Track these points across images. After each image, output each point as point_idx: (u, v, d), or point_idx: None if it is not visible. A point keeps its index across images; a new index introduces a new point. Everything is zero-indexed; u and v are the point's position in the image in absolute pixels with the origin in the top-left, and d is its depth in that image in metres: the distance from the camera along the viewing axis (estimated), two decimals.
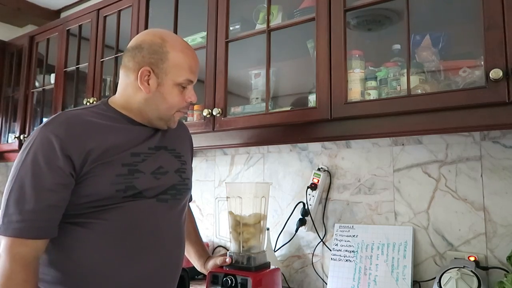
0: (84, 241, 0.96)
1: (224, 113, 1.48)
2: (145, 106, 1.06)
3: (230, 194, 1.36)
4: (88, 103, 1.92)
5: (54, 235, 0.94)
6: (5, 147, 2.50)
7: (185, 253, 1.21)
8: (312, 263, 1.57)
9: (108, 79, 2.02)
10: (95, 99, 1.93)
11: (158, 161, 1.07)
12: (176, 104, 1.07)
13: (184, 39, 1.15)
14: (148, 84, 1.04)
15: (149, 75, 1.04)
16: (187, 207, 1.19)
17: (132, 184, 0.99)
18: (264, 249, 1.37)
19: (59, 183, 0.93)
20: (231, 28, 1.54)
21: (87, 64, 2.03)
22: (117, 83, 1.13)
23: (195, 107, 1.68)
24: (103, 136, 1.00)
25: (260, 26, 1.51)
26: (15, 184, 0.92)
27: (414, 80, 1.17)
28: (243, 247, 1.30)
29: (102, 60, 1.96)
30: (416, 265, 1.36)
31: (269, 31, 1.43)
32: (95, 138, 0.98)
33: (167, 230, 1.07)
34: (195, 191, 1.25)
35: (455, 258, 1.27)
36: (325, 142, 1.58)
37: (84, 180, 0.96)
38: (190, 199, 1.24)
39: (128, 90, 1.08)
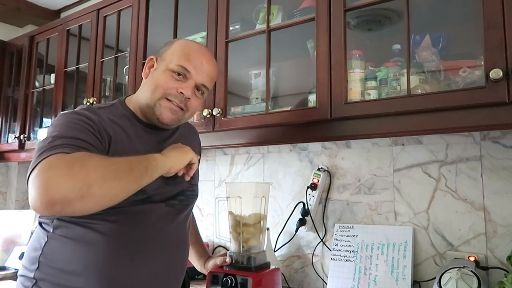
0: (90, 242, 0.96)
1: (224, 113, 1.48)
2: (141, 94, 1.08)
3: (230, 194, 1.36)
4: (88, 103, 1.91)
5: None
6: (5, 147, 2.49)
7: None
8: (312, 263, 1.57)
9: (108, 79, 2.02)
10: (95, 99, 1.92)
11: None
12: (162, 85, 1.03)
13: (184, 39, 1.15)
14: (148, 71, 1.09)
15: (152, 63, 1.09)
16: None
17: (143, 187, 0.99)
18: (264, 249, 1.37)
19: (90, 139, 0.90)
20: (231, 28, 1.54)
21: (87, 64, 2.03)
22: (117, 83, 1.13)
23: None
24: (118, 134, 1.00)
25: (260, 26, 1.51)
26: (47, 136, 0.89)
27: (414, 80, 1.17)
28: (243, 247, 1.30)
29: (102, 60, 1.95)
30: (416, 265, 1.36)
31: (269, 31, 1.43)
32: (112, 129, 0.98)
33: (173, 234, 1.07)
34: None
35: (455, 258, 1.26)
36: (325, 142, 1.58)
37: None
38: None
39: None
